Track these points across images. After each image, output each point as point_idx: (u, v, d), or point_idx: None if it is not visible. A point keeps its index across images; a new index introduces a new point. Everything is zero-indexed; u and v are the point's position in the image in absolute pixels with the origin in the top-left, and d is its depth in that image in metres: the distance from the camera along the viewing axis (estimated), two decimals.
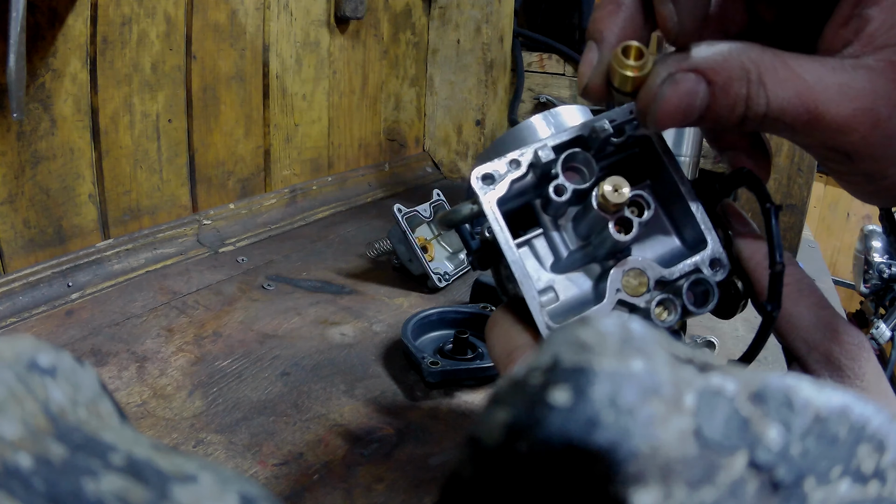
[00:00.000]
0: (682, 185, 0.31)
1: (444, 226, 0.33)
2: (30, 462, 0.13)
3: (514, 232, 0.33)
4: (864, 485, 0.15)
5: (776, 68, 0.26)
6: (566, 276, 0.32)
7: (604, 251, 0.31)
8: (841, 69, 0.27)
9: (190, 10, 0.82)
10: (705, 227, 0.31)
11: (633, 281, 0.30)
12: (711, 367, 0.15)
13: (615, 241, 0.29)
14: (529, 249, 0.33)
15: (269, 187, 1.01)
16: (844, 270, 2.45)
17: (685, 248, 0.32)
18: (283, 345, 0.64)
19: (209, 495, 0.14)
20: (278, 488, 0.45)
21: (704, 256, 0.30)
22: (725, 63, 0.26)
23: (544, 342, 0.16)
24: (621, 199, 0.29)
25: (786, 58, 0.27)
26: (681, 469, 0.13)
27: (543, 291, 0.32)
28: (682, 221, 0.32)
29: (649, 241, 0.33)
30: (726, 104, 0.27)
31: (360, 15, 1.07)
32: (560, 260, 0.32)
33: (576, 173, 0.31)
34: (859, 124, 0.26)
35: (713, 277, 0.30)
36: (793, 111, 0.26)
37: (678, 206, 0.32)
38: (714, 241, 0.30)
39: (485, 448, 0.14)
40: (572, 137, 0.31)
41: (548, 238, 0.33)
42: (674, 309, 0.29)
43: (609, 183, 0.29)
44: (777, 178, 0.88)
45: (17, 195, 0.67)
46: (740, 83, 0.26)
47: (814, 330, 0.29)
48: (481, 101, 1.28)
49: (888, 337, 1.47)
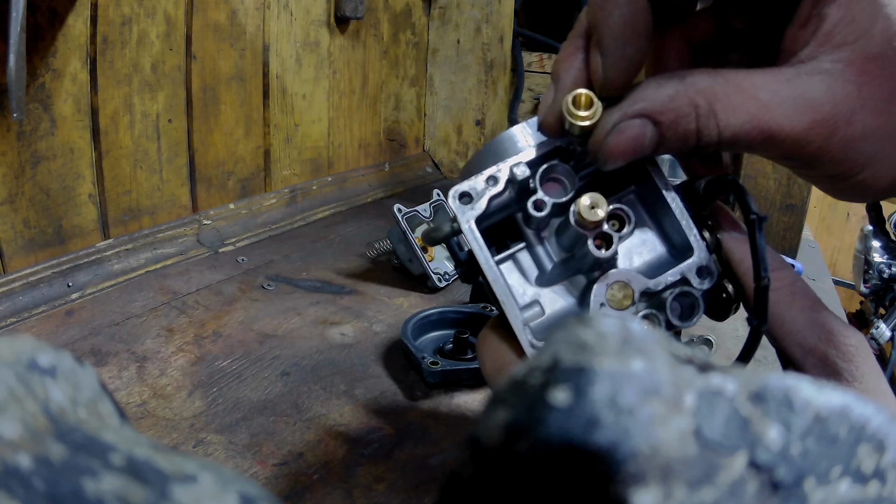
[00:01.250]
0: (665, 191, 0.30)
1: (427, 242, 0.33)
2: (30, 462, 0.13)
3: (502, 243, 0.32)
4: (864, 485, 0.15)
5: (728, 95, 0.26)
6: (552, 290, 0.32)
7: (587, 264, 0.30)
8: (796, 79, 0.27)
9: (190, 10, 0.82)
10: (691, 233, 0.30)
11: (618, 294, 0.29)
12: (711, 367, 0.15)
13: (595, 257, 0.29)
14: (514, 264, 0.32)
15: (269, 187, 1.01)
16: (844, 270, 2.45)
17: (673, 254, 0.32)
18: (283, 345, 0.64)
19: (209, 495, 0.14)
20: (278, 488, 0.45)
21: (691, 264, 0.30)
22: (671, 102, 0.27)
23: (544, 342, 0.16)
24: (598, 216, 0.28)
25: (739, 80, 0.27)
26: (681, 469, 0.13)
27: (529, 306, 0.31)
28: (669, 227, 0.31)
29: (637, 248, 0.32)
30: (676, 139, 0.27)
31: (360, 15, 1.07)
32: (545, 273, 0.32)
33: (558, 184, 0.30)
34: (816, 136, 0.26)
35: (700, 286, 0.29)
36: (746, 136, 0.26)
37: (664, 212, 0.31)
38: (700, 248, 0.30)
39: (485, 448, 0.14)
40: (551, 149, 0.30)
41: (531, 251, 0.32)
42: (658, 323, 0.29)
43: (585, 200, 0.29)
44: (777, 179, 0.88)
45: (17, 195, 0.67)
46: (688, 119, 0.26)
47: (808, 334, 0.28)
48: (481, 101, 1.28)
49: (888, 337, 1.46)
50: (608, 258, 0.29)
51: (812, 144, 0.26)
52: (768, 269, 0.28)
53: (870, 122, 0.26)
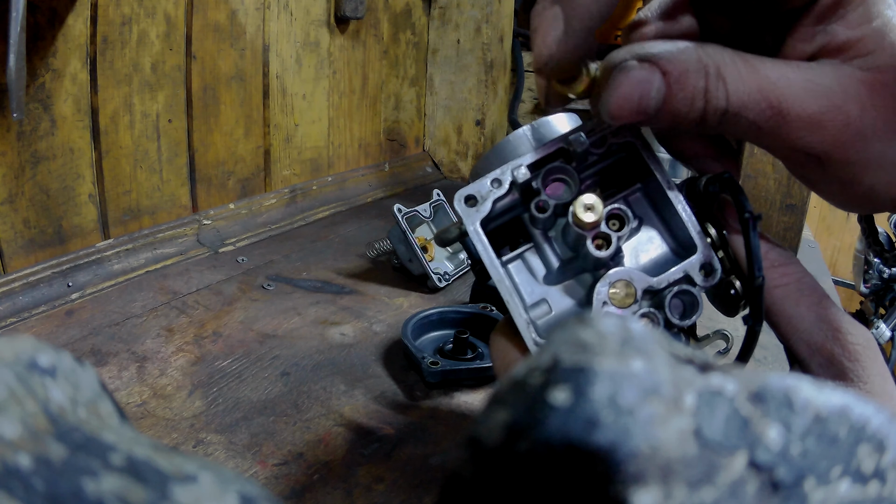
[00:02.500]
0: (668, 189, 0.30)
1: (439, 244, 0.33)
2: (30, 462, 0.13)
3: (513, 242, 0.33)
4: (864, 485, 0.15)
5: (735, 63, 0.25)
6: (559, 288, 0.32)
7: (591, 263, 0.31)
8: (806, 68, 0.26)
9: (190, 10, 0.82)
10: (694, 230, 0.30)
11: (620, 292, 0.29)
12: (711, 367, 0.15)
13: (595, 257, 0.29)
14: (522, 263, 0.32)
15: (269, 187, 1.01)
16: (844, 270, 2.45)
17: (678, 251, 0.32)
18: (283, 345, 0.64)
19: (209, 495, 0.14)
20: (278, 488, 0.45)
21: (693, 262, 0.30)
22: (681, 55, 0.25)
23: (545, 342, 0.16)
24: (594, 217, 0.29)
25: (745, 56, 0.26)
26: (681, 469, 0.13)
27: (536, 305, 0.31)
28: (673, 224, 0.32)
29: (643, 246, 0.32)
30: (683, 97, 0.25)
31: (360, 15, 1.07)
32: (552, 272, 0.32)
33: (562, 183, 0.30)
34: (828, 121, 0.25)
35: (704, 283, 0.29)
36: (755, 106, 0.25)
37: (668, 209, 0.31)
38: (703, 245, 0.30)
39: (485, 448, 0.14)
40: (553, 151, 0.30)
41: (539, 251, 0.32)
42: (657, 322, 0.29)
43: (581, 201, 0.29)
44: (777, 178, 0.88)
45: (17, 195, 0.67)
46: (697, 75, 0.25)
47: (815, 331, 0.28)
48: (481, 101, 1.28)
49: (888, 337, 1.46)
50: (608, 257, 0.29)
51: (824, 131, 0.25)
52: (762, 269, 0.27)
53: (881, 125, 0.25)
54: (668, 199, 0.30)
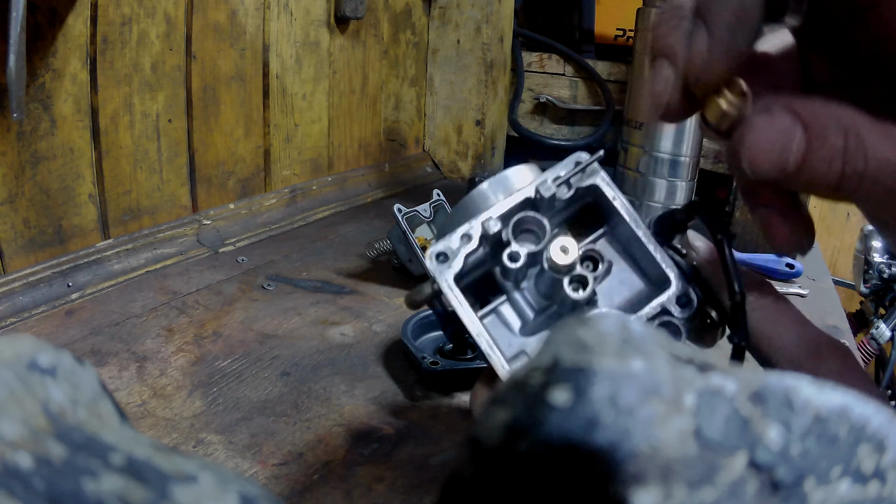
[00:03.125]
0: (636, 228, 0.31)
1: (410, 306, 0.33)
2: (30, 462, 0.13)
3: (483, 298, 0.33)
4: (864, 485, 0.15)
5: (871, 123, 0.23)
6: (537, 338, 0.32)
7: (567, 308, 0.31)
8: None
9: (190, 10, 0.82)
10: (666, 265, 0.30)
11: None
12: (711, 367, 0.15)
13: (572, 299, 0.29)
14: (497, 317, 0.33)
15: (269, 187, 1.01)
16: (844, 270, 2.45)
17: (652, 287, 0.32)
18: (283, 345, 0.64)
19: (209, 495, 0.14)
20: (278, 488, 0.45)
21: (669, 296, 0.30)
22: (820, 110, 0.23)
23: (545, 342, 0.16)
24: (569, 259, 0.29)
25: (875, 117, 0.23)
26: (681, 469, 0.13)
27: (515, 357, 0.32)
28: (645, 262, 0.32)
29: (616, 288, 0.33)
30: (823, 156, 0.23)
31: (360, 15, 1.07)
32: (527, 323, 0.32)
33: (531, 234, 0.31)
34: None
35: (682, 315, 0.30)
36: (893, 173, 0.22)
37: (638, 248, 0.32)
38: (676, 278, 0.30)
39: (485, 448, 0.14)
40: (520, 201, 0.31)
41: (513, 303, 0.33)
42: None
43: (556, 244, 0.29)
44: None
45: (17, 195, 0.67)
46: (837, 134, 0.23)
47: (797, 349, 0.28)
48: (481, 101, 1.28)
49: (888, 337, 1.46)
50: (586, 299, 0.29)
51: None
52: (742, 285, 0.27)
53: None
54: (637, 237, 0.31)
